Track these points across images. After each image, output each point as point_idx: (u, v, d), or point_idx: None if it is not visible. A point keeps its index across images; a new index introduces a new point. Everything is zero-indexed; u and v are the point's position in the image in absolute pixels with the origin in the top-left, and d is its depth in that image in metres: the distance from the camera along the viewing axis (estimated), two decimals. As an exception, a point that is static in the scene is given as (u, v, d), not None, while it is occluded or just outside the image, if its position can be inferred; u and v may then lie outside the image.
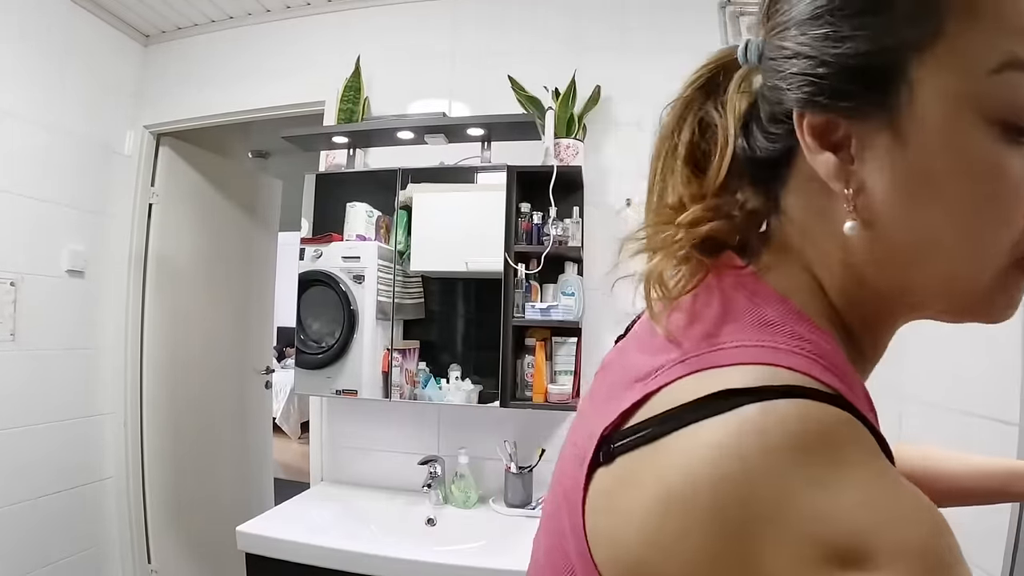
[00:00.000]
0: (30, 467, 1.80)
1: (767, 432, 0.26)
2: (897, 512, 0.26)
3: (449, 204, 1.76)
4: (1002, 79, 0.28)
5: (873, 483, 0.26)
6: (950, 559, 0.25)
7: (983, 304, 0.33)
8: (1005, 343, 0.96)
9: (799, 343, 0.31)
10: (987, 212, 0.30)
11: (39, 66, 1.82)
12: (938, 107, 0.29)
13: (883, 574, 0.23)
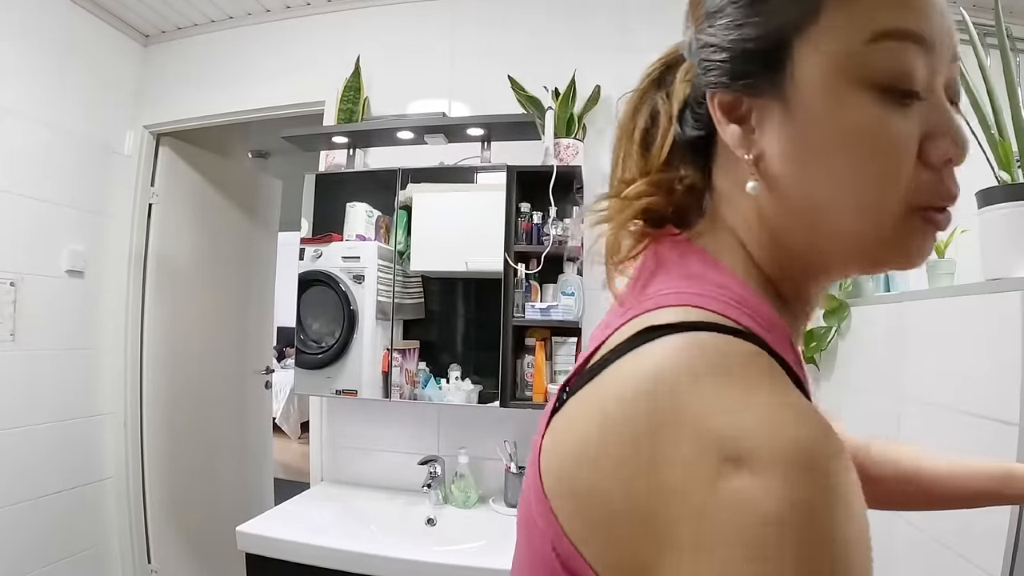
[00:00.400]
0: (30, 467, 1.80)
1: (682, 357, 0.30)
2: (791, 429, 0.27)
3: (449, 204, 1.75)
4: (878, 47, 0.32)
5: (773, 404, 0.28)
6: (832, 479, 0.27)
7: (891, 253, 0.35)
8: (1005, 343, 0.96)
9: (720, 291, 0.35)
10: (871, 170, 0.33)
11: (39, 66, 1.82)
12: (819, 79, 0.33)
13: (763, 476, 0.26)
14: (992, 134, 1.06)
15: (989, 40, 1.30)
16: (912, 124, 0.33)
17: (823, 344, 1.63)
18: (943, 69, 0.33)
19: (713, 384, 0.29)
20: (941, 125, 0.33)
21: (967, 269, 1.33)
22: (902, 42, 0.32)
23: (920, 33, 0.32)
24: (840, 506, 0.28)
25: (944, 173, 0.34)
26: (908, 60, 0.32)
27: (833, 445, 0.28)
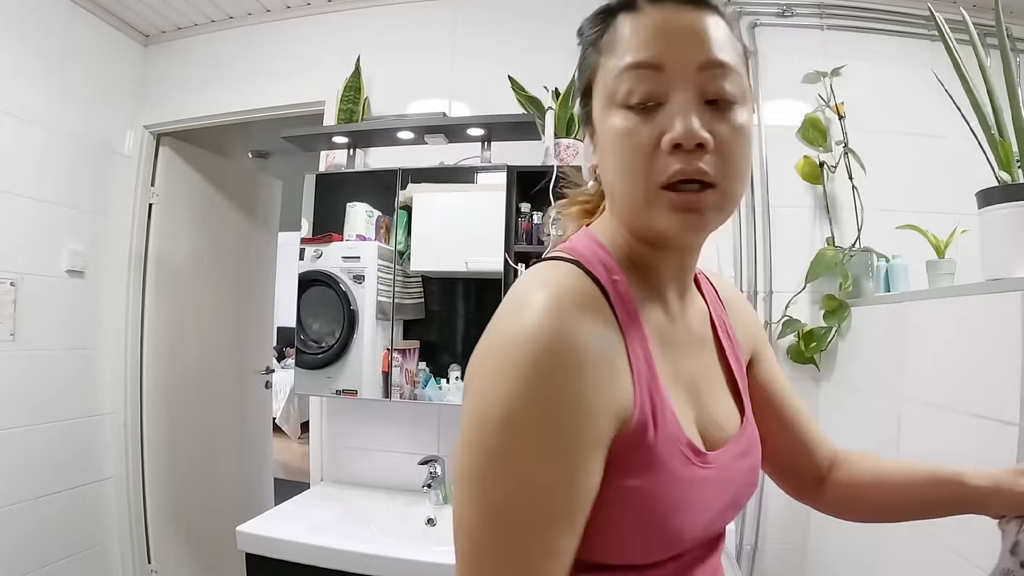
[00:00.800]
0: (30, 467, 1.80)
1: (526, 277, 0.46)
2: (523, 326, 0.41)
3: (449, 204, 1.75)
4: (621, 78, 0.45)
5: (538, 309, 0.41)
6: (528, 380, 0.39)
7: (650, 223, 0.46)
8: (1005, 343, 0.96)
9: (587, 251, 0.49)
10: (622, 163, 0.45)
11: (39, 66, 1.82)
12: (599, 108, 0.49)
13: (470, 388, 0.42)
14: (992, 134, 1.06)
15: (989, 40, 1.30)
16: (651, 126, 0.44)
17: (823, 344, 1.63)
18: (684, 79, 0.44)
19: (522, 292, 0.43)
20: (670, 121, 0.43)
21: (967, 269, 1.33)
22: (637, 71, 0.44)
23: (650, 61, 0.44)
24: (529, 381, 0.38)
25: (674, 156, 0.43)
26: (641, 83, 0.44)
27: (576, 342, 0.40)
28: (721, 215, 0.45)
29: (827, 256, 1.64)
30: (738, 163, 0.45)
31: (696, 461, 0.46)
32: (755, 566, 1.72)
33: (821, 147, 1.70)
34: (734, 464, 0.51)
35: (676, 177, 0.43)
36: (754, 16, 1.82)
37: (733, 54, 0.46)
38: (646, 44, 0.44)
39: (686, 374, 0.51)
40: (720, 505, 0.49)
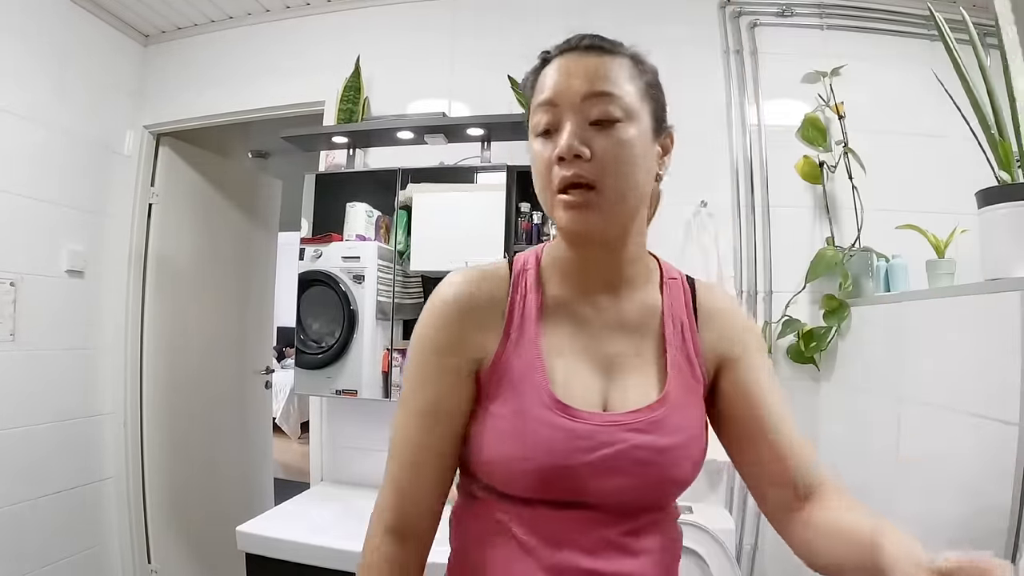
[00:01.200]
0: (30, 467, 1.80)
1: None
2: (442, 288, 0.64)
3: (449, 204, 1.75)
4: (535, 113, 0.60)
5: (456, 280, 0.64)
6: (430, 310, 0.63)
7: (557, 223, 0.60)
8: (1005, 343, 0.96)
9: (523, 255, 0.67)
10: (536, 176, 0.60)
11: (39, 66, 1.82)
12: (529, 135, 0.62)
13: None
14: (992, 134, 1.06)
15: (989, 40, 1.30)
16: (550, 147, 0.58)
17: (823, 344, 1.63)
18: (571, 109, 0.57)
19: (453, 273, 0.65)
20: (558, 142, 0.57)
21: (967, 269, 1.33)
22: (542, 107, 0.59)
23: (548, 99, 0.59)
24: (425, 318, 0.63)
25: (561, 167, 0.57)
26: (544, 116, 0.59)
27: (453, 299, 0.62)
28: (605, 210, 0.57)
29: (827, 256, 1.64)
30: (616, 168, 0.57)
31: (555, 409, 0.57)
32: (755, 566, 1.72)
33: (821, 147, 1.70)
34: (619, 433, 0.58)
35: (562, 183, 0.57)
36: (754, 16, 1.82)
37: (620, 84, 0.58)
38: (548, 87, 0.59)
39: (604, 351, 0.62)
40: (582, 458, 0.56)
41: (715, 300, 0.69)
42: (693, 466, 0.62)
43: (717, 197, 1.78)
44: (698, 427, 0.63)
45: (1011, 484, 0.92)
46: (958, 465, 1.08)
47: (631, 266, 0.65)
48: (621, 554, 0.58)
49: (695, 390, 0.63)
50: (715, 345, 0.65)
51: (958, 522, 1.06)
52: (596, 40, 0.61)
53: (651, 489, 0.59)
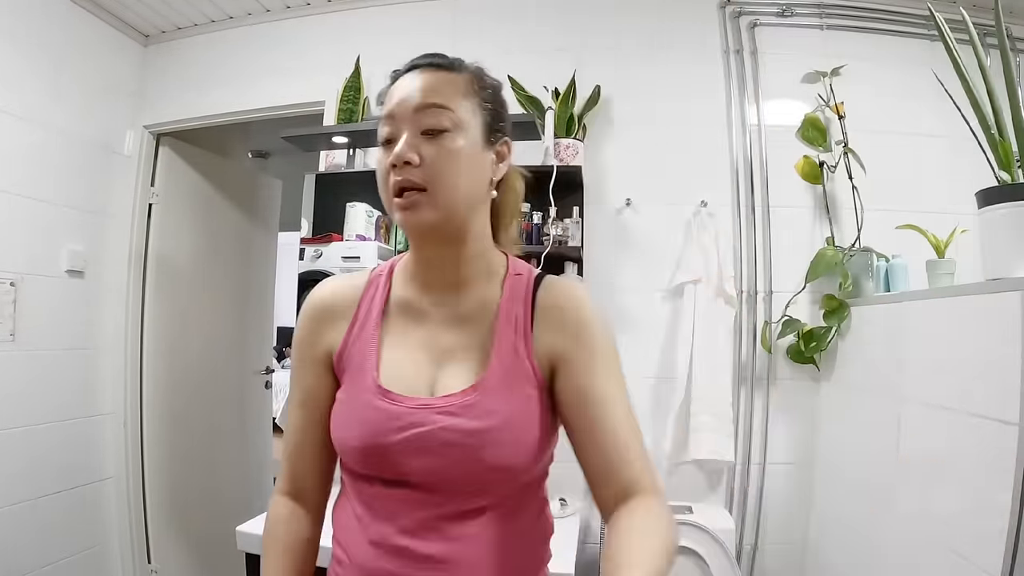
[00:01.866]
0: (30, 467, 1.80)
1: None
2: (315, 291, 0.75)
3: (449, 204, 1.75)
4: (379, 129, 0.66)
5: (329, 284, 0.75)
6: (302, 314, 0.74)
7: (394, 218, 0.65)
8: (1005, 343, 0.96)
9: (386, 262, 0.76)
10: (380, 184, 0.65)
11: (39, 66, 1.82)
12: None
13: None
14: (992, 134, 1.06)
15: (989, 40, 1.30)
16: (387, 155, 0.63)
17: (823, 344, 1.63)
18: (406, 121, 0.63)
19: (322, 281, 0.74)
20: (393, 151, 0.62)
21: (967, 269, 1.33)
22: (383, 120, 0.65)
23: (387, 113, 0.65)
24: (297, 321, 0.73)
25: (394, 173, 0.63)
26: (385, 128, 0.65)
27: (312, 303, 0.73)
28: (434, 210, 0.63)
29: (827, 256, 1.64)
30: (443, 172, 0.62)
31: (377, 393, 0.64)
32: (755, 566, 1.72)
33: (821, 147, 1.70)
34: (429, 415, 0.62)
35: (396, 187, 0.63)
36: (754, 16, 1.82)
37: (450, 97, 0.64)
38: (388, 102, 0.66)
39: (438, 343, 0.67)
40: (393, 437, 0.62)
41: (554, 297, 0.68)
42: (513, 452, 0.62)
43: (717, 197, 1.78)
44: (519, 414, 0.63)
45: (1011, 484, 0.92)
46: (958, 465, 1.08)
47: (470, 264, 0.69)
48: (436, 536, 0.61)
49: (522, 380, 0.64)
50: (548, 342, 0.66)
51: (958, 522, 1.06)
52: (437, 59, 0.67)
53: (463, 471, 0.61)
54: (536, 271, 0.73)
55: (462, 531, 0.62)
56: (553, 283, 0.70)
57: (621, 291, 1.79)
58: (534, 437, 0.63)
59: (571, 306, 0.68)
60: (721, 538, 1.51)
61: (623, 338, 1.77)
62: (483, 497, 0.63)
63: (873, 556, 1.35)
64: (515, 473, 0.63)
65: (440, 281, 0.69)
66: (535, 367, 0.65)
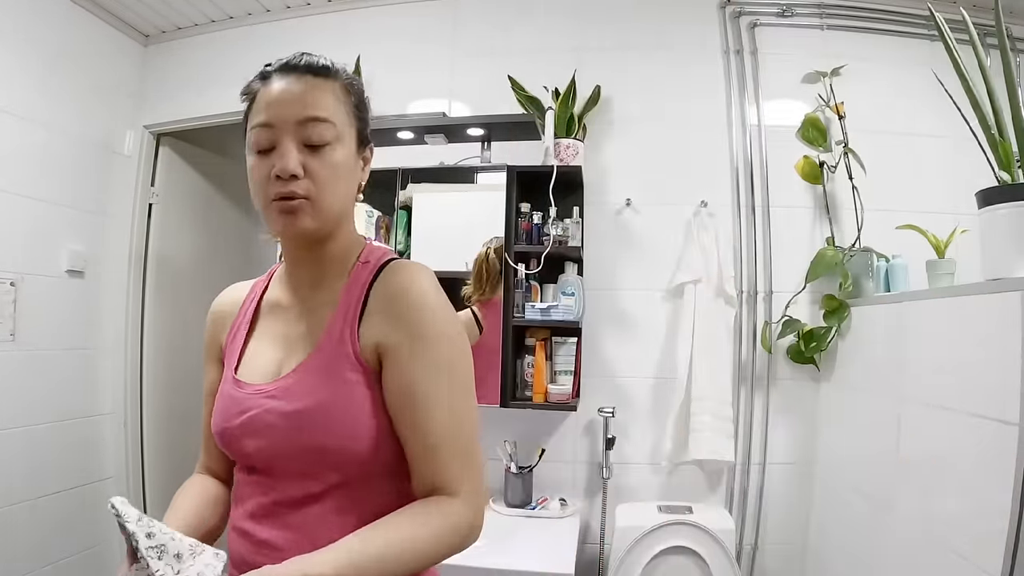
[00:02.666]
0: (30, 467, 1.79)
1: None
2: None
3: (449, 204, 1.75)
4: (251, 133, 0.66)
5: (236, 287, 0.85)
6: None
7: (271, 226, 0.67)
8: (1005, 343, 0.96)
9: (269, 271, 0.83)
10: (254, 188, 0.66)
11: (39, 66, 1.82)
12: (246, 147, 0.67)
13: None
14: (992, 134, 1.06)
15: (989, 40, 1.30)
16: (267, 163, 0.64)
17: (823, 344, 1.63)
18: (287, 132, 0.64)
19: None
20: (276, 160, 0.63)
21: (967, 269, 1.33)
22: (258, 128, 0.65)
23: (264, 122, 0.65)
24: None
25: (277, 182, 0.63)
26: (259, 136, 0.65)
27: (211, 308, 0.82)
28: (314, 219, 0.65)
29: (827, 256, 1.64)
30: (326, 185, 0.65)
31: (231, 382, 0.70)
32: (755, 566, 1.72)
33: (821, 147, 1.70)
34: (258, 399, 0.66)
35: (277, 196, 0.64)
36: (754, 16, 1.82)
37: (331, 109, 0.66)
38: (264, 110, 0.65)
39: (290, 334, 0.70)
40: (233, 422, 0.66)
41: (388, 284, 0.67)
42: (329, 434, 0.62)
43: (717, 197, 1.78)
44: (336, 397, 0.63)
45: (1011, 484, 0.92)
46: (958, 465, 1.08)
47: (332, 262, 0.71)
48: (274, 522, 0.64)
49: (343, 366, 0.64)
50: (374, 330, 0.65)
51: (958, 522, 1.06)
52: (313, 63, 0.67)
53: (286, 453, 0.63)
54: (389, 257, 0.72)
55: (299, 518, 0.63)
56: (393, 268, 0.69)
57: (621, 291, 1.79)
58: (356, 422, 0.62)
59: (402, 293, 0.66)
60: (721, 538, 1.51)
61: (623, 338, 1.78)
62: (315, 482, 0.63)
63: (873, 556, 1.35)
64: (338, 457, 0.62)
65: (306, 278, 0.73)
66: (358, 353, 0.64)
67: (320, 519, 0.63)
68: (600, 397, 1.74)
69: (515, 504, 1.64)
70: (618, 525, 1.57)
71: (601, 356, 1.78)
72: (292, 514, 0.63)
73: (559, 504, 1.65)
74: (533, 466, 1.67)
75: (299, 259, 0.73)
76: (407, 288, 0.66)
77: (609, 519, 1.68)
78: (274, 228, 0.67)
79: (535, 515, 1.61)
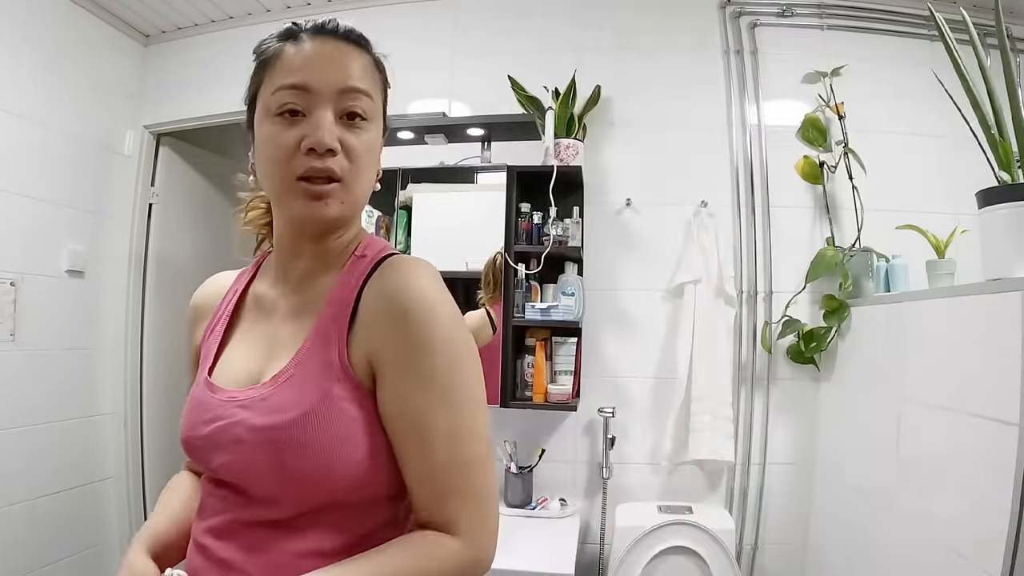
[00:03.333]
0: (30, 467, 1.79)
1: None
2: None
3: (449, 204, 1.75)
4: (276, 96, 0.57)
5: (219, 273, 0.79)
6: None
7: (288, 207, 0.59)
8: (1005, 343, 0.96)
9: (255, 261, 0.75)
10: (268, 158, 0.58)
11: (39, 66, 1.82)
12: (259, 113, 0.60)
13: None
14: (992, 134, 1.06)
15: (989, 40, 1.30)
16: (294, 132, 0.56)
17: (823, 344, 1.63)
18: (326, 99, 0.57)
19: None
20: (311, 130, 0.55)
21: (967, 269, 1.33)
22: (286, 91, 0.57)
23: (299, 83, 0.56)
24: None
25: (309, 157, 0.55)
26: (291, 99, 0.56)
27: (191, 303, 0.75)
28: (343, 204, 0.58)
29: (827, 256, 1.64)
30: (361, 166, 0.58)
31: (204, 386, 0.61)
32: (755, 566, 1.72)
33: (821, 147, 1.70)
34: (231, 408, 0.57)
35: (309, 172, 0.56)
36: (754, 16, 1.82)
37: (370, 83, 0.60)
38: (300, 69, 0.57)
39: (274, 336, 0.62)
40: (201, 431, 0.58)
41: (383, 285, 0.57)
42: (304, 455, 0.52)
43: (717, 197, 1.78)
44: (316, 413, 0.53)
45: (1011, 484, 0.92)
46: (958, 465, 1.08)
47: (330, 255, 0.62)
48: (233, 541, 0.55)
49: (328, 376, 0.55)
50: (366, 337, 0.56)
51: (958, 522, 1.06)
52: (352, 30, 0.62)
53: (254, 471, 0.54)
54: (388, 251, 0.62)
55: (265, 542, 0.54)
56: (390, 266, 0.59)
57: (621, 291, 1.79)
58: (338, 444, 0.53)
59: (397, 295, 0.55)
60: (721, 538, 1.51)
61: (623, 338, 1.78)
62: (280, 508, 0.54)
63: (873, 556, 1.35)
64: (315, 481, 0.53)
65: (299, 271, 0.63)
66: (346, 364, 0.55)
67: (289, 545, 0.54)
68: (600, 397, 1.74)
69: (515, 504, 1.64)
70: (618, 525, 1.57)
71: (601, 356, 1.78)
72: (257, 537, 0.55)
73: (559, 504, 1.65)
74: (533, 466, 1.67)
75: (300, 251, 0.62)
76: (404, 289, 0.56)
77: (609, 519, 1.68)
78: (296, 213, 0.58)
79: (535, 515, 1.61)
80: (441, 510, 0.54)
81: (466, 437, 0.55)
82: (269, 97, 0.58)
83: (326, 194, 0.56)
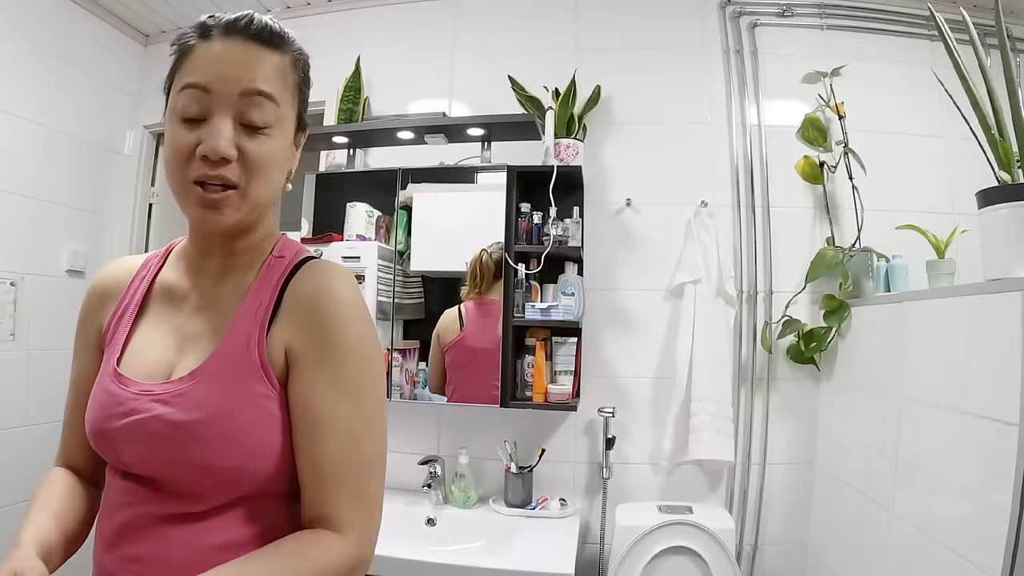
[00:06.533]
0: (30, 467, 1.79)
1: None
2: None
3: (449, 204, 1.75)
4: (181, 94, 0.57)
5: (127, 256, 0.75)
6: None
7: (187, 210, 0.58)
8: (1005, 343, 0.96)
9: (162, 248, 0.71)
10: (170, 161, 0.57)
11: (39, 66, 1.82)
12: (168, 109, 0.59)
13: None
14: (992, 134, 1.06)
15: (989, 40, 1.30)
16: (193, 136, 0.55)
17: (823, 344, 1.63)
18: (225, 103, 0.55)
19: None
20: (204, 136, 0.55)
21: (967, 269, 1.33)
22: (191, 90, 0.56)
23: (198, 83, 0.56)
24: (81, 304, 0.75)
25: (204, 163, 0.55)
26: (189, 100, 0.56)
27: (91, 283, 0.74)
28: (240, 211, 0.58)
29: (827, 256, 1.64)
30: (260, 173, 0.58)
31: (112, 376, 0.60)
32: (755, 566, 1.72)
33: (821, 147, 1.70)
34: (147, 402, 0.57)
35: (203, 179, 0.56)
36: (754, 16, 1.82)
37: (278, 86, 0.59)
38: (201, 69, 0.56)
39: (189, 330, 0.62)
40: (114, 424, 0.57)
41: (303, 286, 0.60)
42: (224, 451, 0.54)
43: (717, 197, 1.78)
44: (235, 410, 0.55)
45: (1011, 485, 0.92)
46: (958, 465, 1.08)
47: (244, 253, 0.64)
48: (146, 536, 0.55)
49: (247, 374, 0.57)
50: (284, 337, 0.59)
51: (958, 522, 1.06)
52: (264, 28, 0.58)
53: (170, 467, 0.55)
54: (306, 254, 0.65)
55: (177, 536, 0.55)
56: (310, 268, 0.62)
57: (621, 291, 1.79)
58: (257, 440, 0.55)
59: (316, 296, 0.59)
60: (721, 538, 1.51)
61: (623, 338, 1.78)
62: (200, 499, 0.55)
63: (873, 556, 1.35)
64: (232, 475, 0.55)
65: (211, 266, 0.64)
66: (264, 361, 0.57)
67: (198, 539, 0.55)
68: (600, 397, 1.74)
69: (515, 504, 1.64)
70: (618, 525, 1.57)
71: (601, 356, 1.78)
72: (169, 531, 0.55)
73: (559, 504, 1.65)
74: (533, 466, 1.67)
75: (210, 248, 0.64)
76: (323, 292, 0.59)
77: (609, 519, 1.68)
78: (190, 219, 0.59)
79: (535, 515, 1.61)
80: (330, 507, 0.56)
81: (362, 438, 0.58)
82: (176, 95, 0.58)
83: (219, 202, 0.56)
